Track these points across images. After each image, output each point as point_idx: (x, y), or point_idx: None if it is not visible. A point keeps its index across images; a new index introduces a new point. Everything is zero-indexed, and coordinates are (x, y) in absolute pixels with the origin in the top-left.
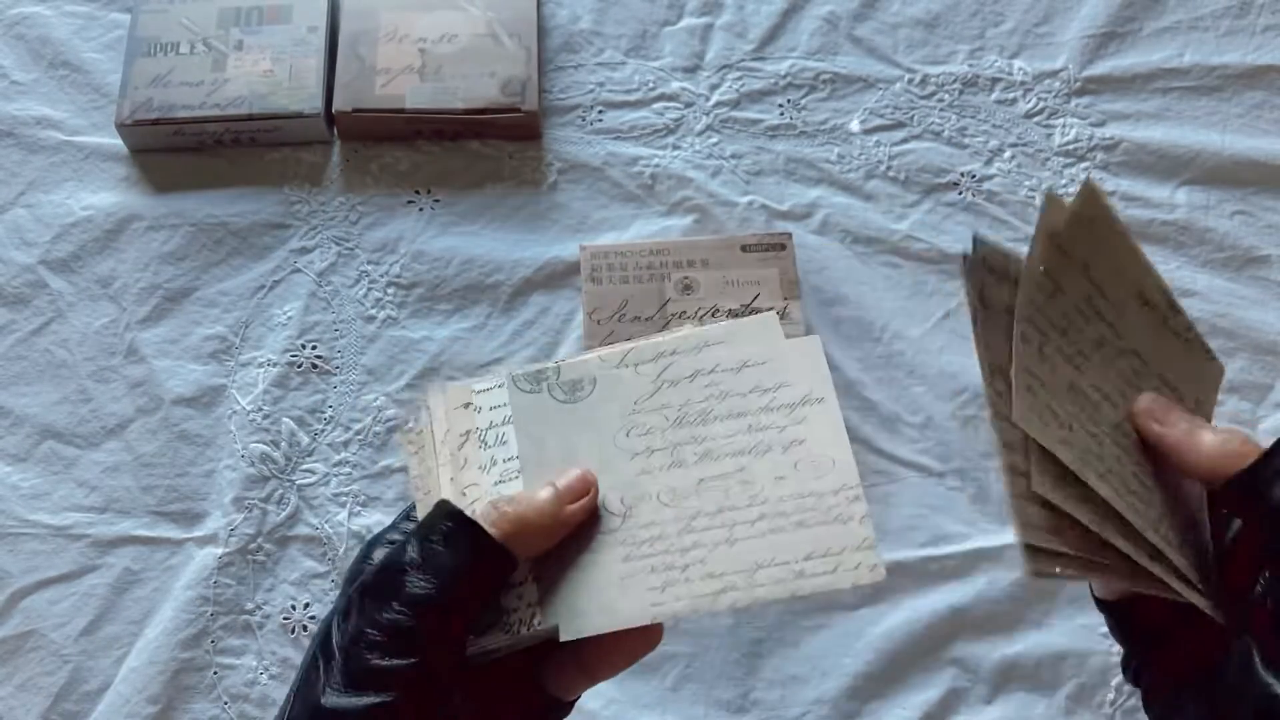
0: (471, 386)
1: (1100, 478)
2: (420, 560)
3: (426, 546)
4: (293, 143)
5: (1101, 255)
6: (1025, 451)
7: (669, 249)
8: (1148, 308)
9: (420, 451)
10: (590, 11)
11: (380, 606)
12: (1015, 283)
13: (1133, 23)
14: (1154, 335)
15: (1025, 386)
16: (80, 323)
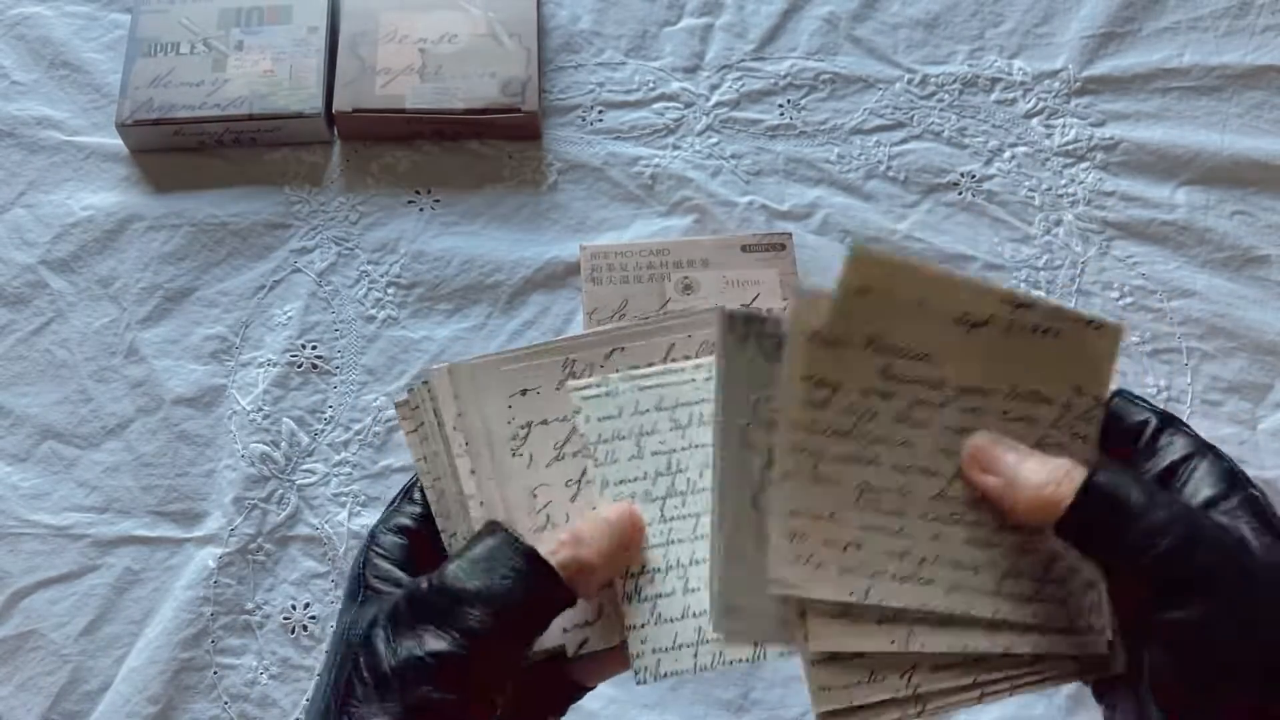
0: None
1: (902, 581)
2: (484, 592)
3: (491, 578)
4: (293, 143)
5: (892, 315)
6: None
7: (669, 249)
8: (977, 328)
9: (420, 429)
10: (590, 11)
11: (436, 632)
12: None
13: (1132, 23)
14: (992, 354)
15: (788, 535)
16: (80, 323)
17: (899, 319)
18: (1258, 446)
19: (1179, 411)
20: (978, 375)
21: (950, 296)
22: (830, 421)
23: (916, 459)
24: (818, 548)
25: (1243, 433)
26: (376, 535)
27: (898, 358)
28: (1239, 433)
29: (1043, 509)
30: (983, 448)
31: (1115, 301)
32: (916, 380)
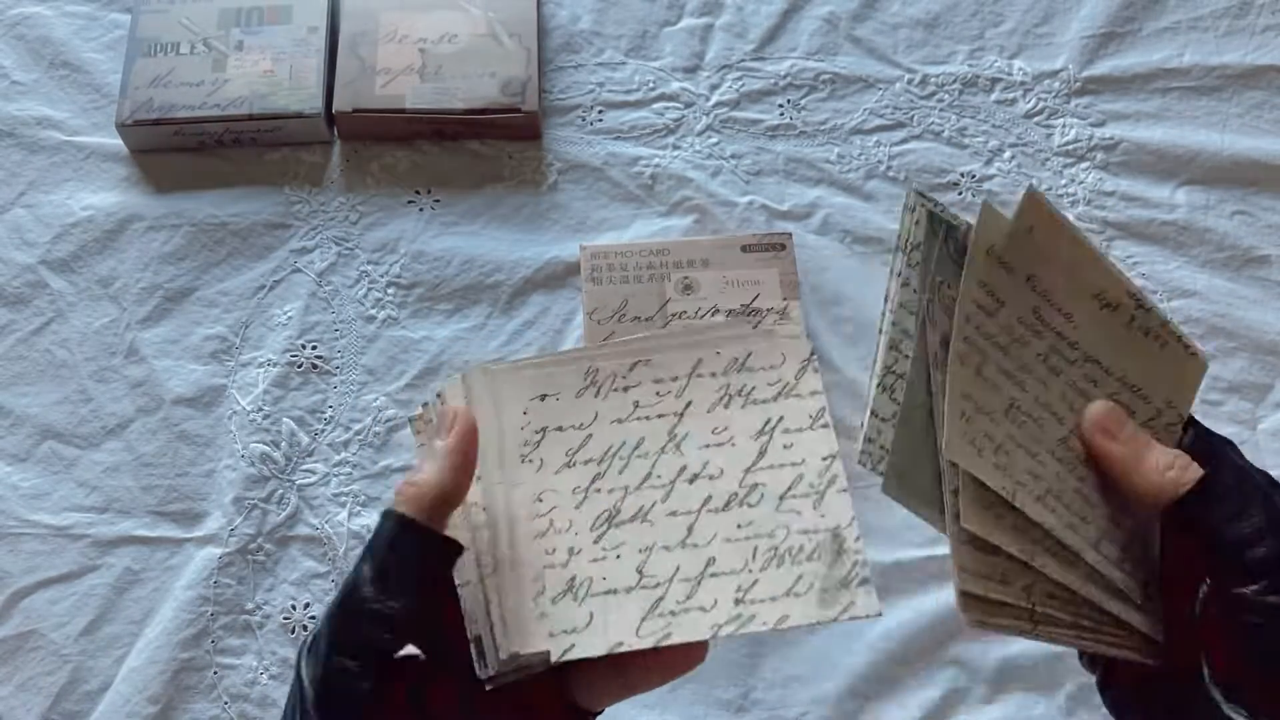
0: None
1: (1037, 500)
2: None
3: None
4: (293, 143)
5: (1049, 263)
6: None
7: (669, 249)
8: (1108, 309)
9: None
10: (590, 11)
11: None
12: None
13: (1133, 23)
14: (1115, 338)
15: (959, 413)
16: (80, 323)
17: (1053, 270)
18: (1258, 446)
19: None
20: (1103, 352)
21: (1093, 270)
22: (994, 331)
23: (1050, 400)
24: (979, 435)
25: (1243, 433)
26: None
27: (1047, 303)
28: (1239, 433)
29: (1159, 489)
30: (1111, 414)
31: None
32: (1057, 332)
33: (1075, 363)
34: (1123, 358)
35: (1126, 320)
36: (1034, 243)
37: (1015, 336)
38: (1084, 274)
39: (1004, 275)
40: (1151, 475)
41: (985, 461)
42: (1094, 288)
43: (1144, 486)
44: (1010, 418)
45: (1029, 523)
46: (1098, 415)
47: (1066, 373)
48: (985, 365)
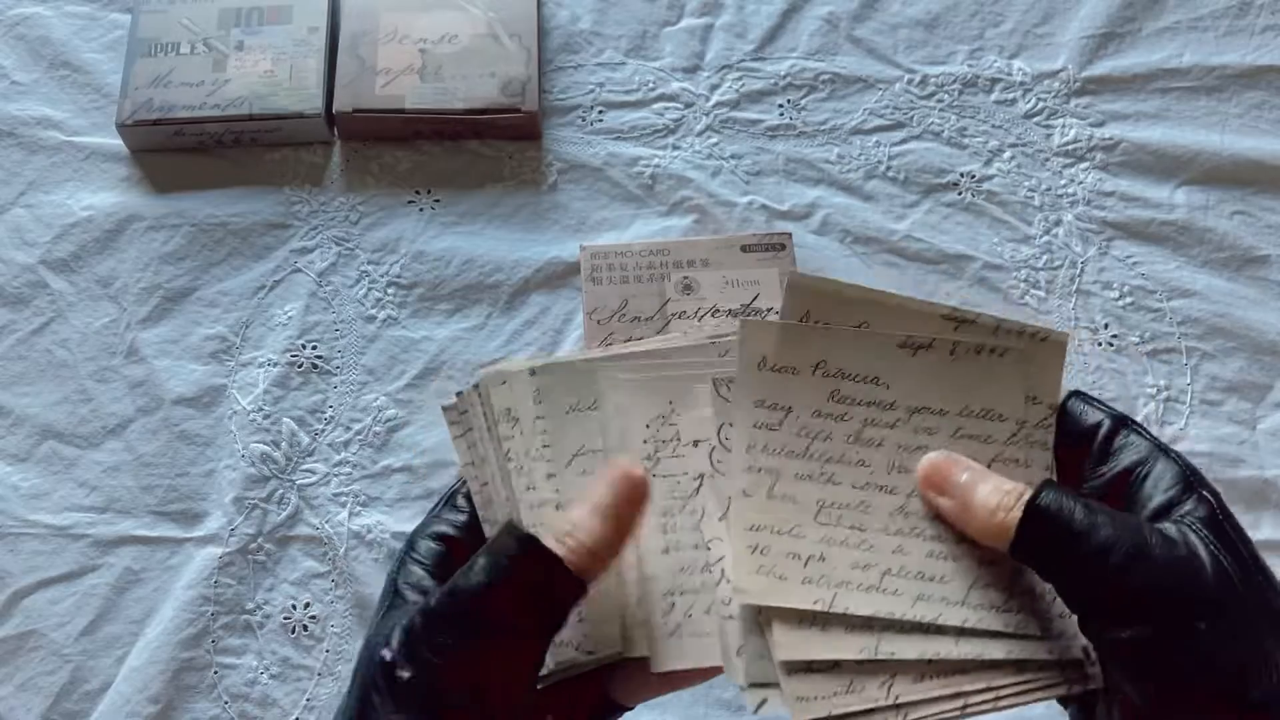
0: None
1: (869, 590)
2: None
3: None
4: (293, 143)
5: (836, 339)
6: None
7: (669, 249)
8: (922, 350)
9: (468, 434)
10: (590, 11)
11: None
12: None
13: (1132, 23)
14: (941, 375)
15: (749, 548)
16: (80, 323)
17: (845, 343)
18: (1258, 446)
19: (1179, 412)
20: (927, 396)
21: (890, 317)
22: (784, 442)
23: (873, 477)
24: (779, 559)
25: (1242, 433)
26: (415, 541)
27: (846, 380)
28: (1239, 433)
29: (995, 533)
30: (936, 468)
31: (1115, 301)
32: (867, 402)
33: (898, 424)
34: (955, 390)
35: (947, 352)
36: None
37: (814, 434)
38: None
39: (785, 380)
40: (980, 522)
41: (790, 584)
42: (896, 338)
43: (982, 536)
44: (822, 520)
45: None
46: (923, 474)
47: (890, 438)
48: (779, 483)
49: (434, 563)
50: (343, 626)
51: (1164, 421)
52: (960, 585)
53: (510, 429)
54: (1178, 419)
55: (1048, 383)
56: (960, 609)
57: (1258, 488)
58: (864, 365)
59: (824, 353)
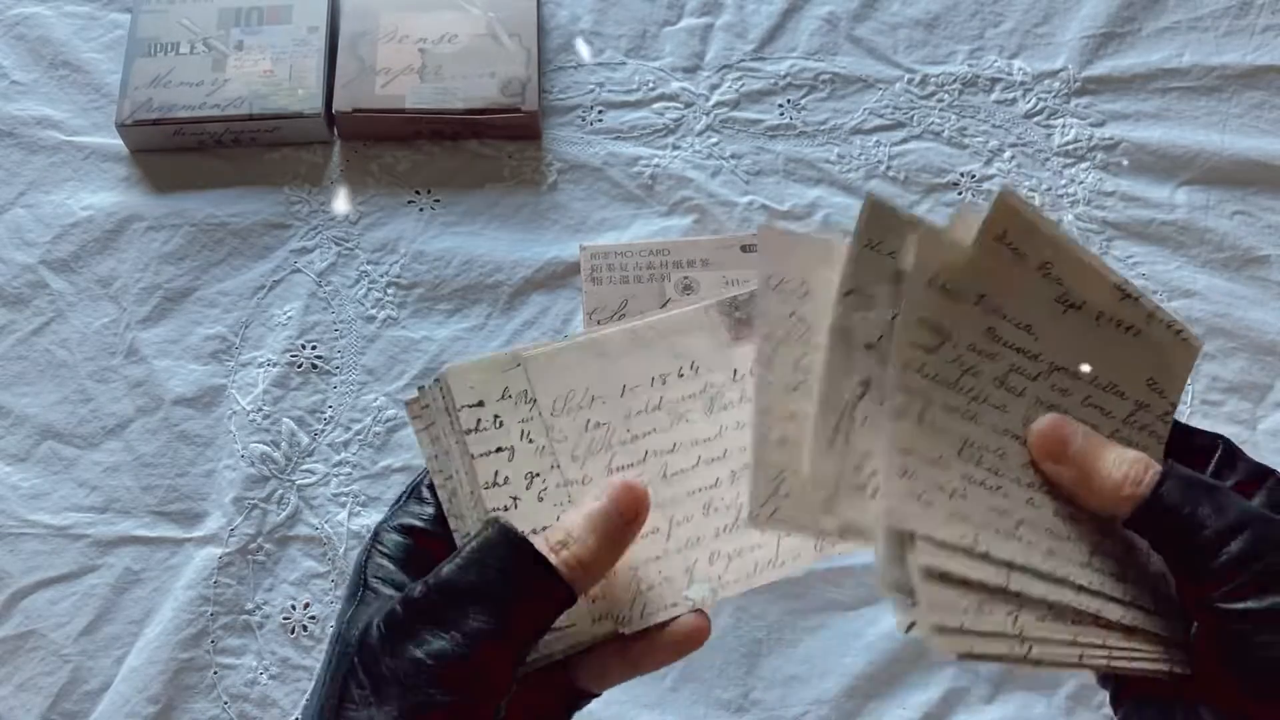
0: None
1: (1006, 536)
2: (482, 590)
3: (486, 573)
4: (293, 143)
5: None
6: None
7: (669, 249)
8: (1072, 310)
9: (430, 428)
10: (590, 11)
11: (435, 633)
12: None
13: (1133, 23)
14: (1082, 339)
15: (899, 471)
16: (80, 323)
17: (1011, 282)
18: (1258, 446)
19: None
20: (1068, 356)
21: (1071, 267)
22: (938, 369)
23: (1011, 424)
24: (927, 488)
25: (1243, 433)
26: (380, 533)
27: (1003, 321)
28: (1239, 433)
29: (1117, 504)
30: (1050, 435)
31: None
32: (1016, 348)
33: (1040, 376)
34: (1092, 357)
35: (1093, 317)
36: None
37: (966, 367)
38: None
39: (949, 304)
40: (1104, 494)
41: (937, 513)
42: (1055, 291)
43: (1101, 501)
44: (965, 457)
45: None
46: (1038, 440)
47: (1031, 390)
48: (928, 409)
49: (401, 556)
50: None
51: None
52: (1084, 548)
53: (528, 411)
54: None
55: (1174, 379)
56: (1085, 570)
57: None
58: (1021, 311)
59: (988, 287)
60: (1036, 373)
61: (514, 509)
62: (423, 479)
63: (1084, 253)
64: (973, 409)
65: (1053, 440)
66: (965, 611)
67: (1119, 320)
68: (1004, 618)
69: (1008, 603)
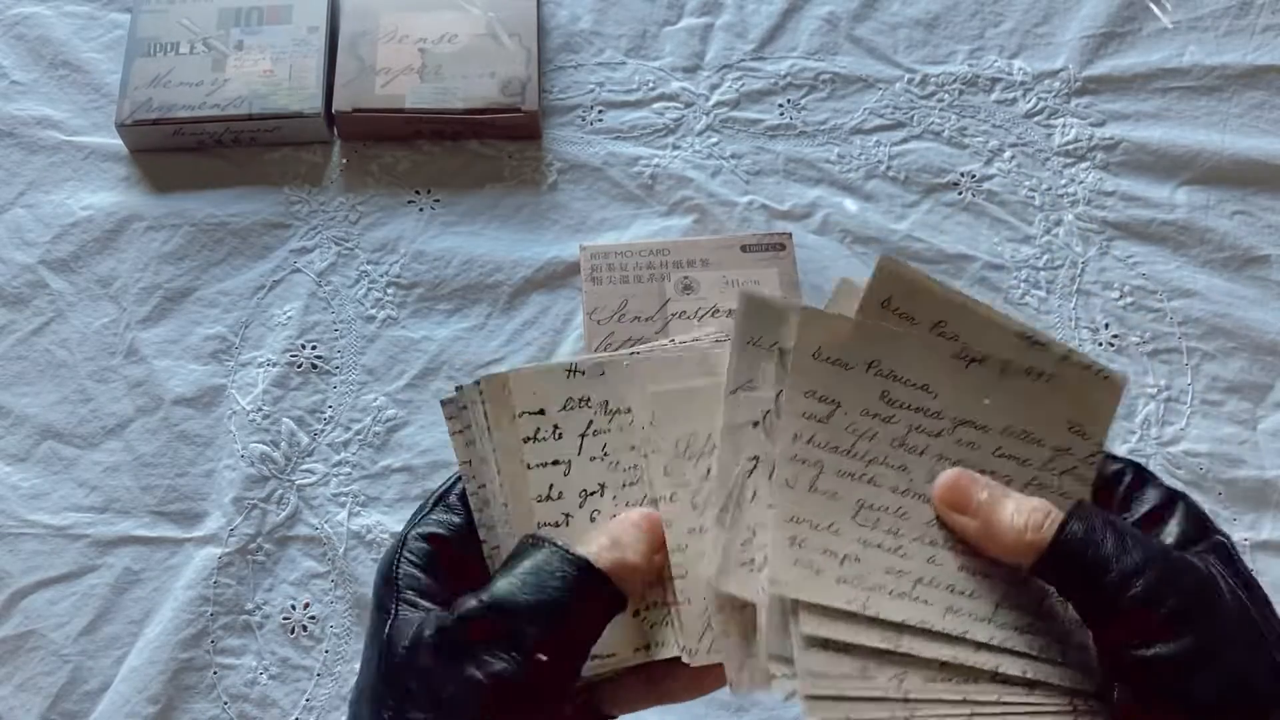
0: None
1: (900, 597)
2: (540, 609)
3: (543, 592)
4: (293, 143)
5: (895, 340)
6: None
7: (669, 249)
8: (975, 364)
9: (465, 431)
10: (590, 11)
11: (495, 654)
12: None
13: (1133, 23)
14: (988, 392)
15: (787, 540)
16: (80, 323)
17: (900, 346)
18: (1258, 446)
19: (1179, 412)
20: (974, 410)
21: (967, 323)
22: (830, 436)
23: (913, 484)
24: (816, 555)
25: (1243, 433)
26: (408, 541)
27: (897, 383)
28: (1239, 433)
29: (1020, 552)
30: (954, 486)
31: (1115, 301)
32: (914, 408)
33: (942, 433)
34: (1001, 409)
35: (999, 370)
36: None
37: (860, 432)
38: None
39: (836, 374)
40: (1008, 541)
41: (826, 579)
42: (951, 348)
43: (1004, 549)
44: (861, 520)
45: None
46: (940, 493)
47: (934, 446)
48: (821, 477)
49: (429, 565)
50: (342, 627)
51: (1164, 422)
52: (988, 603)
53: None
54: (1178, 419)
55: (1098, 420)
56: (987, 626)
57: (1258, 488)
58: (916, 371)
59: (879, 352)
60: (939, 430)
61: (565, 525)
62: (451, 485)
63: (980, 307)
64: (870, 472)
65: (955, 492)
66: (846, 677)
67: (1027, 368)
68: (887, 681)
69: (894, 665)
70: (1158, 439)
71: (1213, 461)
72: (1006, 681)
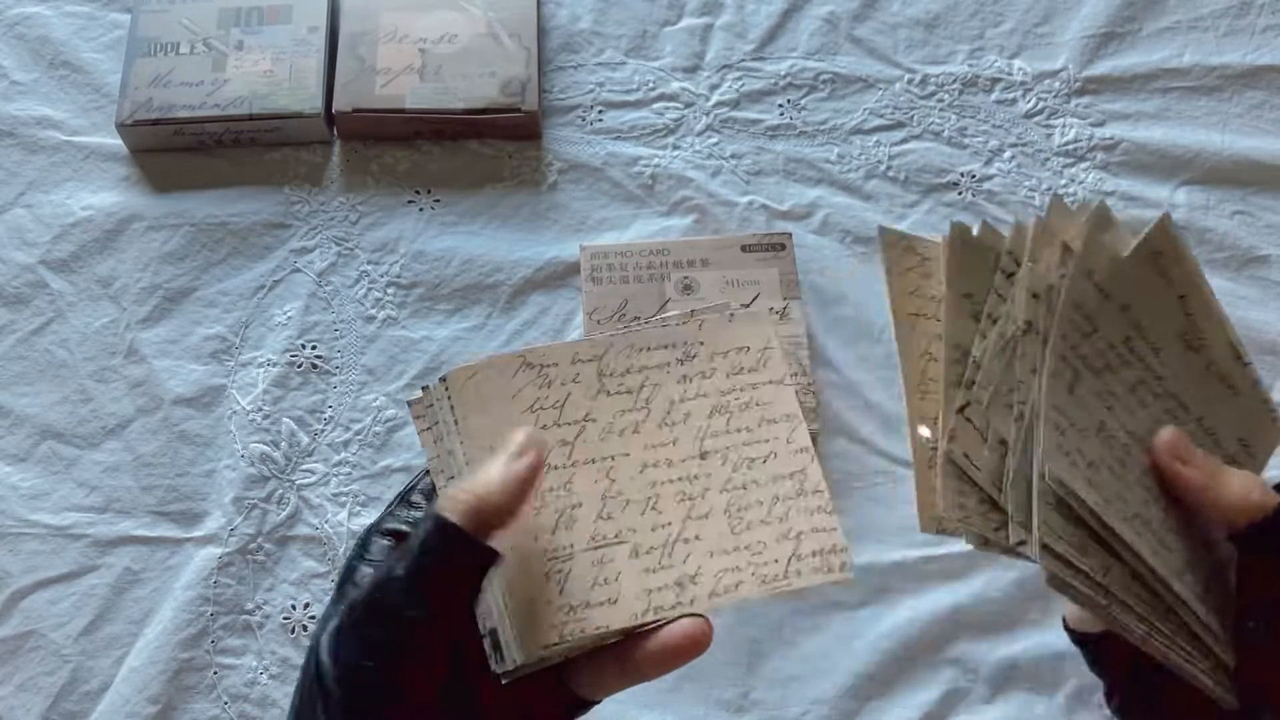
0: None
1: (1126, 521)
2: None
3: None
4: (293, 143)
5: (1146, 295)
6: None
7: (669, 249)
8: (1192, 351)
9: (434, 428)
10: (590, 11)
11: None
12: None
13: (1133, 23)
14: (1196, 380)
15: (1053, 425)
16: (80, 323)
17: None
18: None
19: None
20: (1184, 391)
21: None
22: (1088, 352)
23: (1139, 430)
24: (1073, 450)
25: None
26: (367, 540)
27: (1139, 336)
28: None
29: (1241, 511)
30: (1180, 440)
31: None
32: (1146, 365)
33: (1160, 397)
34: (1201, 399)
35: (1206, 364)
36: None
37: (1108, 362)
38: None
39: (1100, 300)
40: (1231, 496)
41: (1077, 474)
42: (1182, 327)
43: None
44: (1101, 439)
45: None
46: (1168, 440)
47: (1152, 406)
48: (1078, 384)
49: (383, 560)
50: None
51: None
52: (1181, 559)
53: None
54: None
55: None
56: (1179, 578)
57: None
58: (1155, 333)
59: (1133, 300)
60: (1159, 392)
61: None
62: (415, 483)
63: (1215, 301)
64: (1110, 400)
65: (1179, 447)
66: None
67: (1224, 376)
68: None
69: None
70: None
71: None
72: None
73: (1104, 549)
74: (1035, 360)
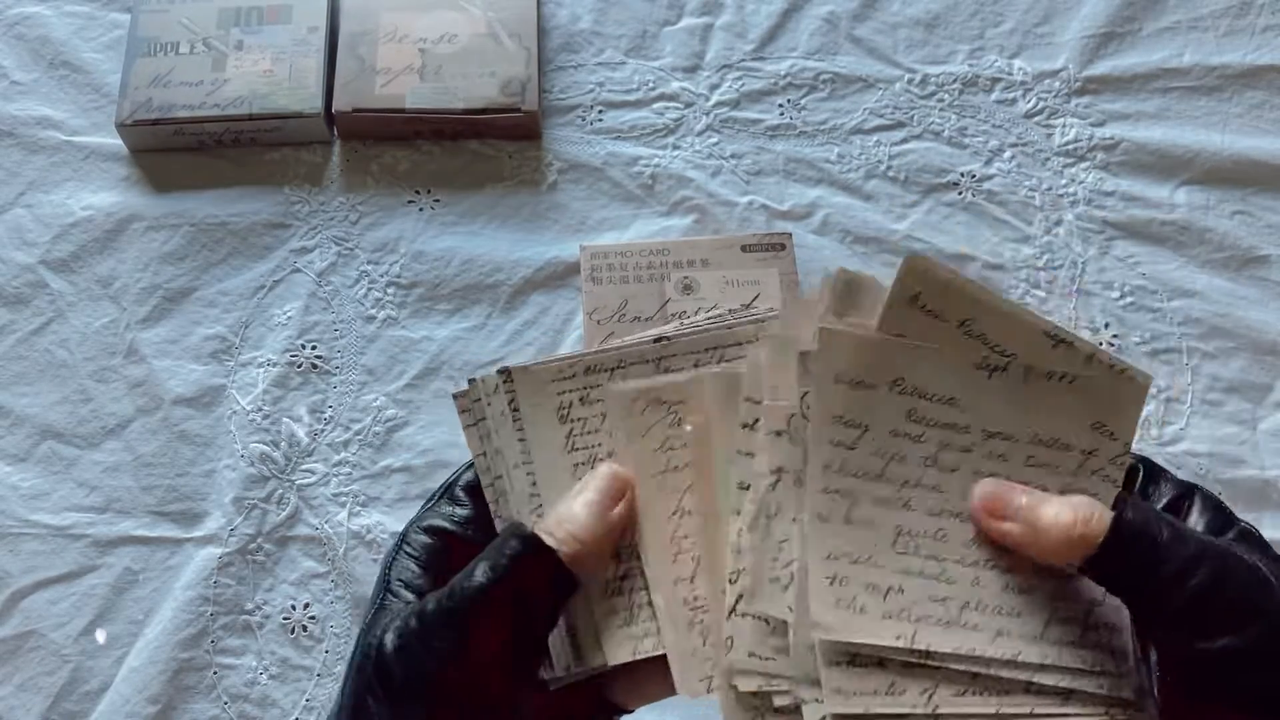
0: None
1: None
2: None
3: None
4: (293, 143)
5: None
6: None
7: (669, 249)
8: (998, 373)
9: (480, 424)
10: (590, 11)
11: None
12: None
13: (1133, 23)
14: (1012, 399)
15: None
16: (80, 323)
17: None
18: (1258, 446)
19: (1179, 412)
20: (1001, 421)
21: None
22: (861, 464)
23: (949, 503)
24: (859, 591)
25: (1243, 433)
26: (408, 534)
27: (923, 400)
28: (1239, 433)
29: (1073, 548)
30: (991, 495)
31: (1115, 301)
32: (943, 424)
33: (973, 448)
34: (1027, 416)
35: (1020, 376)
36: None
37: (891, 455)
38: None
39: (862, 395)
40: (1054, 541)
41: (870, 617)
42: (974, 359)
43: (1053, 551)
44: (900, 548)
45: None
46: (980, 504)
47: (966, 463)
48: (855, 507)
49: (427, 557)
50: (342, 627)
51: (1165, 421)
52: (1037, 620)
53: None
54: (1178, 419)
55: (1124, 420)
56: (1038, 645)
57: (1258, 488)
58: (941, 385)
59: (902, 368)
60: (969, 444)
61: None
62: (458, 478)
63: (1006, 304)
64: (904, 495)
65: (995, 501)
66: (874, 693)
67: (1050, 371)
68: (917, 696)
69: (924, 679)
70: (1157, 439)
71: (1213, 461)
72: (1040, 693)
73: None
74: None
